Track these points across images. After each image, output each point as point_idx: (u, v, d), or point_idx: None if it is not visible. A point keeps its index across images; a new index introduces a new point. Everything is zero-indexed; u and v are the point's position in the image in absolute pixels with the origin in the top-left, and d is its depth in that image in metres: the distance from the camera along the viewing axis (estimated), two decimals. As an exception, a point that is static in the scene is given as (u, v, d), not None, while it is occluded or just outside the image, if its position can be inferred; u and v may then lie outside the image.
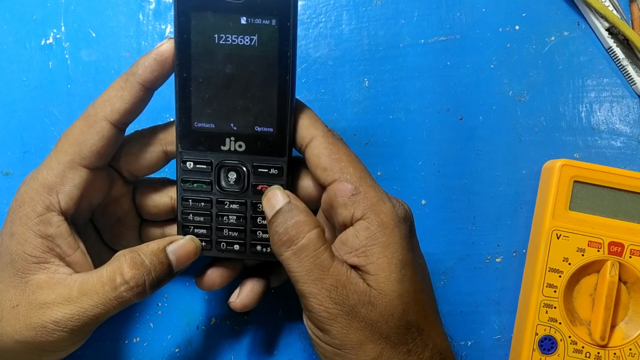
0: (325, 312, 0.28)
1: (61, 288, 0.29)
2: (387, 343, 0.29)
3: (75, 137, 0.31)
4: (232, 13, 0.30)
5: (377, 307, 0.28)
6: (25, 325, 0.29)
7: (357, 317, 0.28)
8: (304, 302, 0.29)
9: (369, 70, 0.42)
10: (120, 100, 0.31)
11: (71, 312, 0.29)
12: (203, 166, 0.32)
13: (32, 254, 0.30)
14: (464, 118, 0.42)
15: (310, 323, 0.30)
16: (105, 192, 0.33)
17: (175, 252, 0.31)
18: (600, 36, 0.42)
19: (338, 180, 0.30)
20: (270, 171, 0.32)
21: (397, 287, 0.29)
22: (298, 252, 0.29)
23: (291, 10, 0.30)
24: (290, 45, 0.30)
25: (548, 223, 0.38)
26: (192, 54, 0.30)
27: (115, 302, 0.29)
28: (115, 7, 0.42)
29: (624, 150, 0.42)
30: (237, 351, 0.40)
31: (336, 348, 0.29)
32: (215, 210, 0.33)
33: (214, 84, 0.31)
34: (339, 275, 0.28)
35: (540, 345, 0.38)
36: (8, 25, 0.41)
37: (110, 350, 0.39)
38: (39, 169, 0.31)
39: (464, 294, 0.41)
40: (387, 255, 0.29)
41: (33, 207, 0.30)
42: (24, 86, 0.41)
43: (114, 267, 0.29)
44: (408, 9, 0.42)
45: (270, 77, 0.31)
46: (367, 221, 0.29)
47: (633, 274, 0.38)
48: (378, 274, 0.29)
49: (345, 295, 0.28)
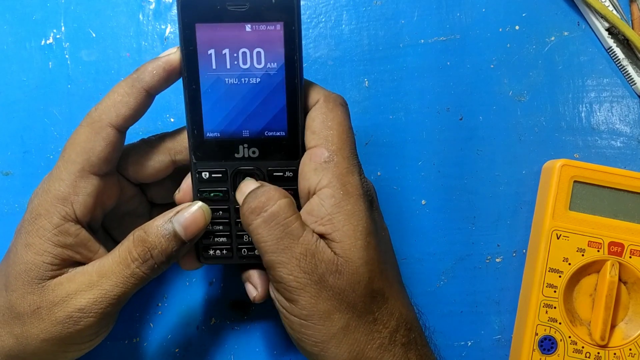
0: (294, 281, 0.28)
1: (80, 277, 0.30)
2: (354, 312, 0.29)
3: (82, 146, 0.31)
4: (237, 21, 0.30)
5: (344, 275, 0.28)
6: (50, 323, 0.29)
7: (325, 286, 0.28)
8: (272, 273, 0.29)
9: (369, 70, 0.42)
10: (126, 106, 0.31)
11: (94, 296, 0.29)
12: (219, 175, 0.32)
13: (51, 262, 0.30)
14: (464, 118, 0.42)
15: (278, 294, 0.30)
16: (116, 197, 0.33)
17: (182, 223, 0.30)
18: (600, 36, 0.42)
19: (318, 146, 0.30)
20: (286, 174, 0.32)
21: (363, 254, 0.29)
22: (268, 219, 0.29)
23: (295, 13, 0.30)
24: (296, 49, 0.30)
25: (548, 223, 0.38)
26: (200, 66, 0.30)
27: (132, 280, 0.30)
28: (115, 7, 0.42)
29: (624, 150, 0.42)
30: (237, 351, 0.40)
31: (303, 319, 0.29)
32: (234, 218, 0.33)
33: (223, 93, 0.31)
34: (308, 245, 0.28)
35: (540, 346, 0.38)
36: (8, 25, 0.41)
37: (110, 350, 0.39)
38: (51, 181, 0.31)
39: (464, 294, 0.41)
40: (352, 222, 0.29)
41: (49, 219, 0.30)
42: (24, 86, 0.41)
43: (124, 247, 0.30)
44: (408, 9, 0.42)
45: (279, 82, 0.31)
46: (333, 189, 0.29)
47: (633, 274, 0.38)
48: (344, 241, 0.29)
49: (314, 264, 0.28)
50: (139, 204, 0.36)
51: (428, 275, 0.41)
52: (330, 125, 0.31)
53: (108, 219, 0.35)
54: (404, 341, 0.30)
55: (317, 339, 0.29)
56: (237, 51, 0.30)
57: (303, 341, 0.29)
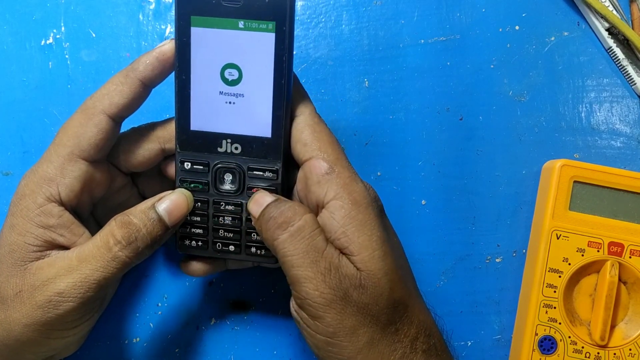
0: (320, 297, 0.28)
1: (60, 261, 0.30)
2: (378, 325, 0.29)
3: (73, 130, 0.31)
4: (230, 17, 0.30)
5: (368, 289, 0.28)
6: (31, 307, 0.29)
7: (350, 302, 0.28)
8: (298, 288, 0.29)
9: (369, 70, 0.42)
10: (120, 94, 0.31)
11: (73, 280, 0.29)
12: (200, 167, 0.32)
13: (33, 243, 0.30)
14: (464, 118, 0.42)
15: (302, 312, 0.30)
16: (106, 187, 0.34)
17: (166, 208, 0.31)
18: (600, 36, 0.42)
19: (315, 158, 0.30)
20: (265, 174, 0.32)
21: (382, 264, 0.29)
22: (295, 233, 0.29)
23: (287, 13, 0.30)
24: (285, 50, 0.30)
25: (548, 223, 0.38)
26: (192, 58, 0.31)
27: (114, 264, 0.29)
28: (115, 7, 0.42)
29: (624, 150, 0.42)
30: (237, 351, 0.40)
31: (329, 337, 0.28)
32: (212, 211, 0.33)
33: (212, 87, 0.31)
34: (332, 258, 0.28)
35: (540, 346, 0.38)
36: (8, 25, 0.41)
37: (110, 350, 0.39)
38: (39, 163, 0.31)
39: (464, 294, 0.41)
40: (366, 233, 0.29)
41: (34, 199, 0.30)
42: (24, 86, 0.41)
43: (106, 231, 0.30)
44: (408, 9, 0.42)
45: (267, 82, 0.31)
46: (341, 200, 0.29)
47: (633, 274, 0.38)
48: (362, 253, 0.29)
49: (338, 279, 0.28)
50: (130, 195, 0.36)
51: (428, 275, 0.41)
52: (320, 137, 0.31)
53: (100, 210, 0.35)
54: (424, 348, 0.30)
55: (344, 356, 0.28)
56: (230, 47, 0.31)
57: (330, 359, 0.29)
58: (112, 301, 0.38)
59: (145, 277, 0.40)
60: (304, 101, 0.32)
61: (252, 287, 0.40)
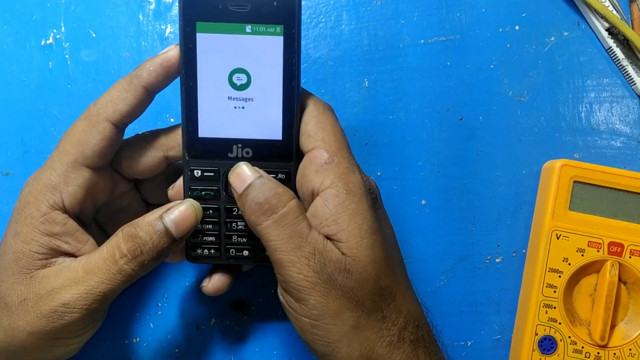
0: (304, 280, 0.28)
1: (67, 272, 0.30)
2: (363, 310, 0.29)
3: (77, 138, 0.31)
4: (237, 21, 0.30)
5: (353, 273, 0.29)
6: (36, 315, 0.29)
7: (334, 285, 0.28)
8: (282, 271, 0.29)
9: (369, 70, 0.42)
10: (123, 102, 0.31)
11: (79, 292, 0.29)
12: (210, 174, 0.32)
13: (38, 251, 0.30)
14: (464, 118, 0.42)
15: (287, 295, 0.30)
16: (109, 193, 0.33)
17: (174, 219, 0.30)
18: (600, 36, 0.42)
19: (317, 148, 0.30)
20: (278, 176, 0.32)
21: (369, 252, 0.29)
22: (279, 220, 0.29)
23: (296, 18, 0.30)
24: (295, 53, 0.30)
25: (548, 223, 0.38)
26: (198, 63, 0.30)
27: (119, 277, 0.29)
28: (115, 7, 0.42)
29: (623, 150, 0.42)
30: (237, 351, 0.40)
31: (313, 319, 0.29)
32: (224, 218, 0.33)
33: (219, 93, 0.31)
34: (316, 243, 0.29)
35: (540, 346, 0.38)
36: (8, 25, 0.41)
37: (110, 350, 0.39)
38: (42, 170, 0.31)
39: (464, 294, 0.41)
40: (357, 221, 0.29)
41: (37, 207, 0.30)
42: (24, 86, 0.41)
43: (113, 243, 0.30)
44: (408, 9, 0.42)
45: (277, 85, 0.31)
46: (336, 189, 0.29)
47: (633, 274, 0.38)
48: (349, 240, 0.29)
49: (322, 263, 0.28)
50: (133, 200, 0.36)
51: (428, 275, 0.41)
52: (325, 128, 0.31)
53: (102, 214, 0.35)
54: (412, 338, 0.30)
55: (329, 339, 0.29)
56: (237, 52, 0.30)
57: (314, 342, 0.29)
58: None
59: (145, 277, 0.40)
60: (304, 94, 0.32)
61: (252, 287, 0.40)
